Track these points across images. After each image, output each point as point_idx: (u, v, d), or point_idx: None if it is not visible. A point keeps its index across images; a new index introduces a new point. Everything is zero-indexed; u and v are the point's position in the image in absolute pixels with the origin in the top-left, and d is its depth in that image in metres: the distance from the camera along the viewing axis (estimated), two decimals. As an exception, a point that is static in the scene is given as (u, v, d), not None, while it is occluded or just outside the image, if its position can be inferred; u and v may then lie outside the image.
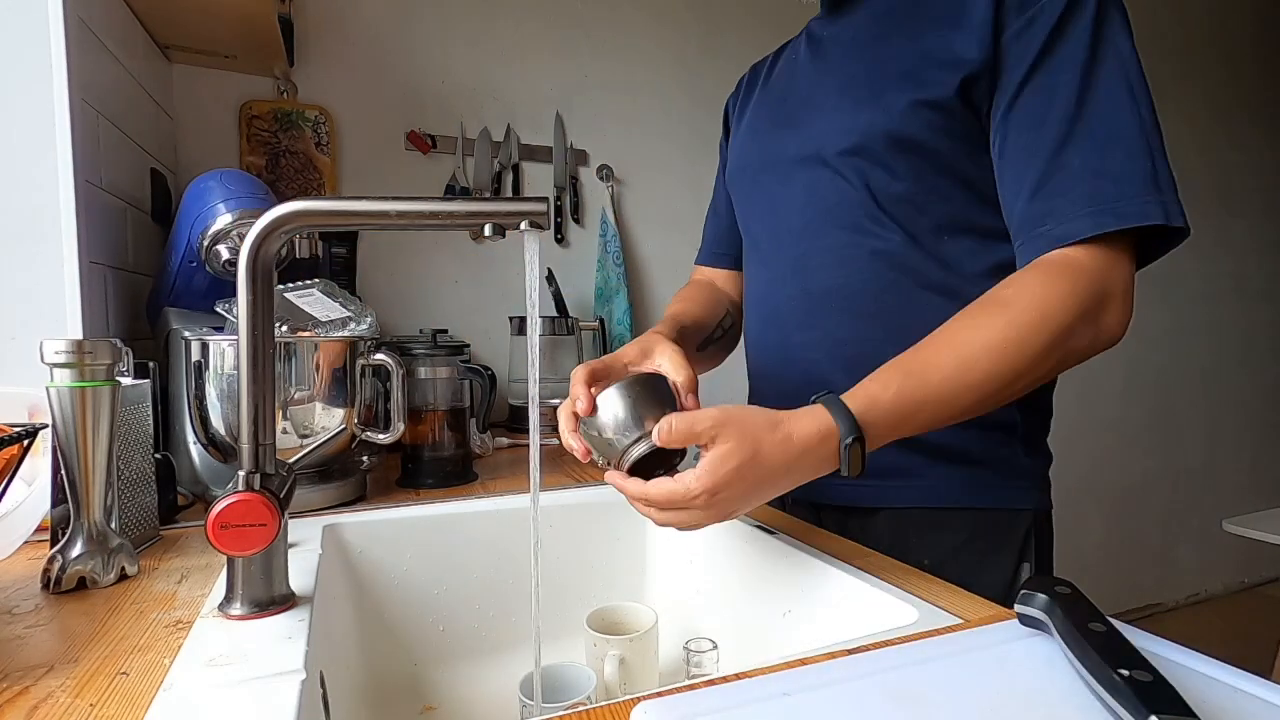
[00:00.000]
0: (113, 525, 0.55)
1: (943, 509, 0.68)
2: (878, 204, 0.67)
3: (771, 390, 0.81)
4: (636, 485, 0.50)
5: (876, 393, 0.52)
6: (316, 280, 0.87)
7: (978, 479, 0.67)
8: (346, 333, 0.80)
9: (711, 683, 0.37)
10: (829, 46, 0.74)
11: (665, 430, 0.49)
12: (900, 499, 0.69)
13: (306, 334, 0.77)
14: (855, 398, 0.51)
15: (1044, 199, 0.58)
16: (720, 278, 0.94)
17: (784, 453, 0.49)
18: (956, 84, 0.60)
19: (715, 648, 0.64)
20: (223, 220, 0.86)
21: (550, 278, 1.49)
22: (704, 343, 0.82)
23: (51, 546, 0.53)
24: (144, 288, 1.01)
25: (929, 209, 0.65)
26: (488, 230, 0.46)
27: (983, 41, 0.59)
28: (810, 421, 0.50)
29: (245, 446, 0.46)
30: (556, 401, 1.49)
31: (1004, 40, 0.59)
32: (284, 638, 0.43)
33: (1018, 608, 0.42)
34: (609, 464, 0.54)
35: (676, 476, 0.49)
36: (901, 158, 0.65)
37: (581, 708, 0.36)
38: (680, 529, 0.52)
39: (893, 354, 0.55)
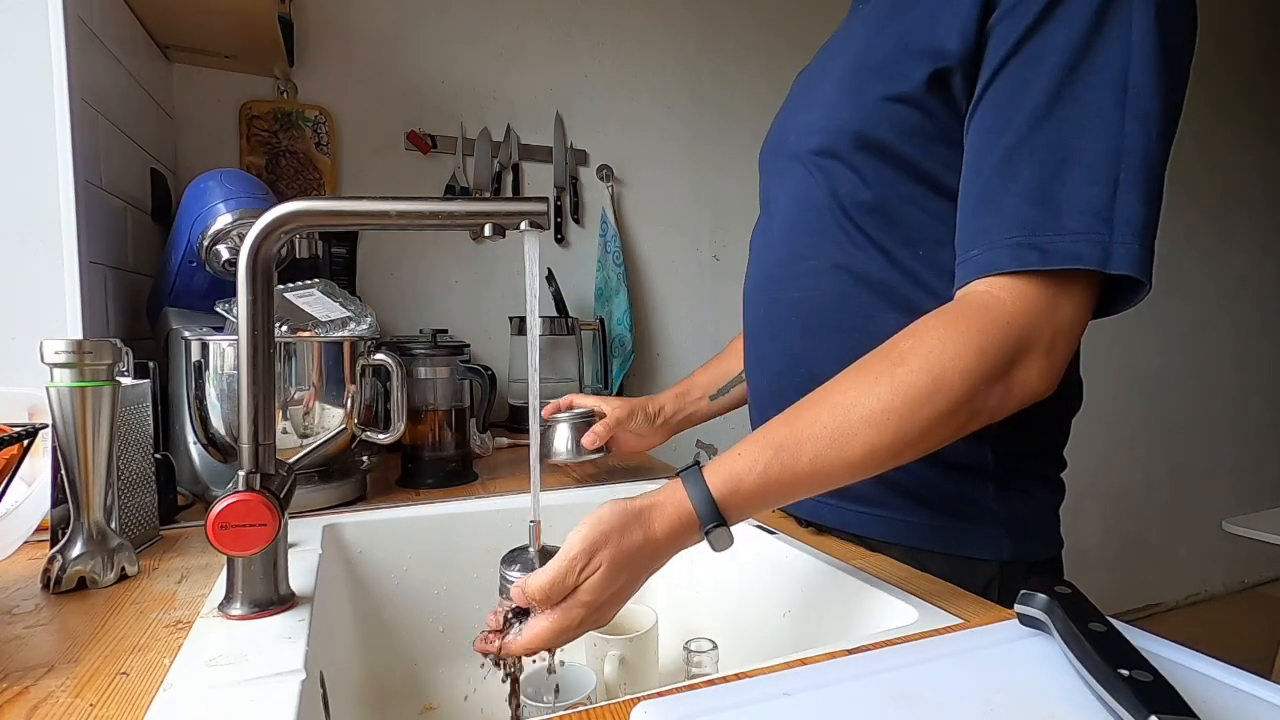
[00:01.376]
0: (113, 525, 0.55)
1: (904, 546, 0.63)
2: (845, 213, 0.61)
3: (753, 398, 0.79)
4: (518, 643, 0.46)
5: (742, 475, 0.48)
6: (316, 280, 0.87)
7: (937, 520, 0.62)
8: (346, 333, 0.80)
9: (711, 683, 0.37)
10: (854, 21, 0.68)
11: (541, 600, 0.45)
12: (861, 526, 0.65)
13: (306, 334, 0.77)
14: (719, 476, 0.48)
15: (982, 215, 0.51)
16: None
17: (653, 546, 0.47)
18: (924, 77, 0.53)
19: (715, 648, 0.64)
20: (223, 220, 0.86)
21: (550, 278, 1.49)
22: (718, 393, 0.87)
23: (51, 546, 0.54)
24: (144, 288, 1.01)
25: (902, 221, 0.59)
26: (488, 230, 0.46)
27: (966, 26, 0.51)
28: (672, 510, 0.47)
29: (245, 446, 0.46)
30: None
31: (991, 21, 0.50)
32: (284, 638, 0.43)
33: (1018, 608, 0.42)
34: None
35: (550, 614, 0.45)
36: (870, 162, 0.59)
37: (581, 708, 0.36)
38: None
39: None
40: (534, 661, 0.52)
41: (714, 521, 0.47)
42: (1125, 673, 0.32)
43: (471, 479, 0.92)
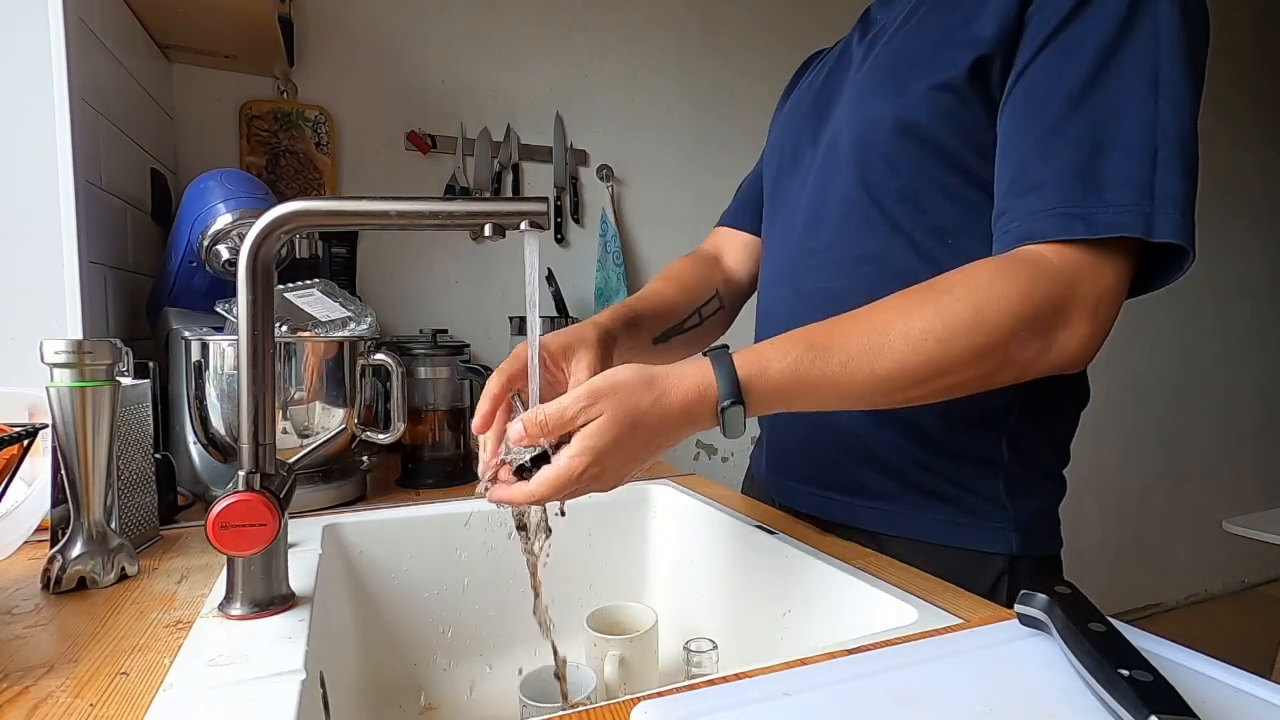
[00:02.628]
0: (113, 525, 0.55)
1: (914, 540, 0.63)
2: (875, 202, 0.62)
3: None
4: (520, 489, 0.46)
5: (770, 360, 0.47)
6: (316, 280, 0.87)
7: (947, 514, 0.63)
8: (346, 333, 0.80)
9: (711, 683, 0.37)
10: (877, 31, 0.69)
11: (535, 425, 0.45)
12: (870, 521, 0.66)
13: (306, 334, 0.77)
14: (747, 359, 0.47)
15: (1020, 191, 0.52)
16: (735, 244, 0.86)
17: (662, 413, 0.45)
18: (968, 64, 0.55)
19: (715, 648, 0.64)
20: (223, 220, 0.86)
21: (550, 278, 1.49)
22: (667, 333, 0.74)
23: (51, 546, 0.53)
24: (144, 288, 1.01)
25: (931, 209, 0.60)
26: (488, 230, 0.46)
27: (1004, 14, 0.54)
28: (692, 380, 0.46)
29: (245, 446, 0.46)
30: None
31: (1028, 13, 0.53)
32: (284, 638, 0.43)
33: (1018, 608, 0.42)
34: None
35: (555, 462, 0.45)
36: (905, 150, 0.60)
37: (581, 708, 0.36)
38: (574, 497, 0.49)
39: None
40: (543, 516, 0.51)
41: (733, 398, 0.46)
42: (1125, 673, 0.32)
43: (472, 479, 0.92)
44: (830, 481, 0.69)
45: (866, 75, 0.66)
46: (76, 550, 0.52)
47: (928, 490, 0.63)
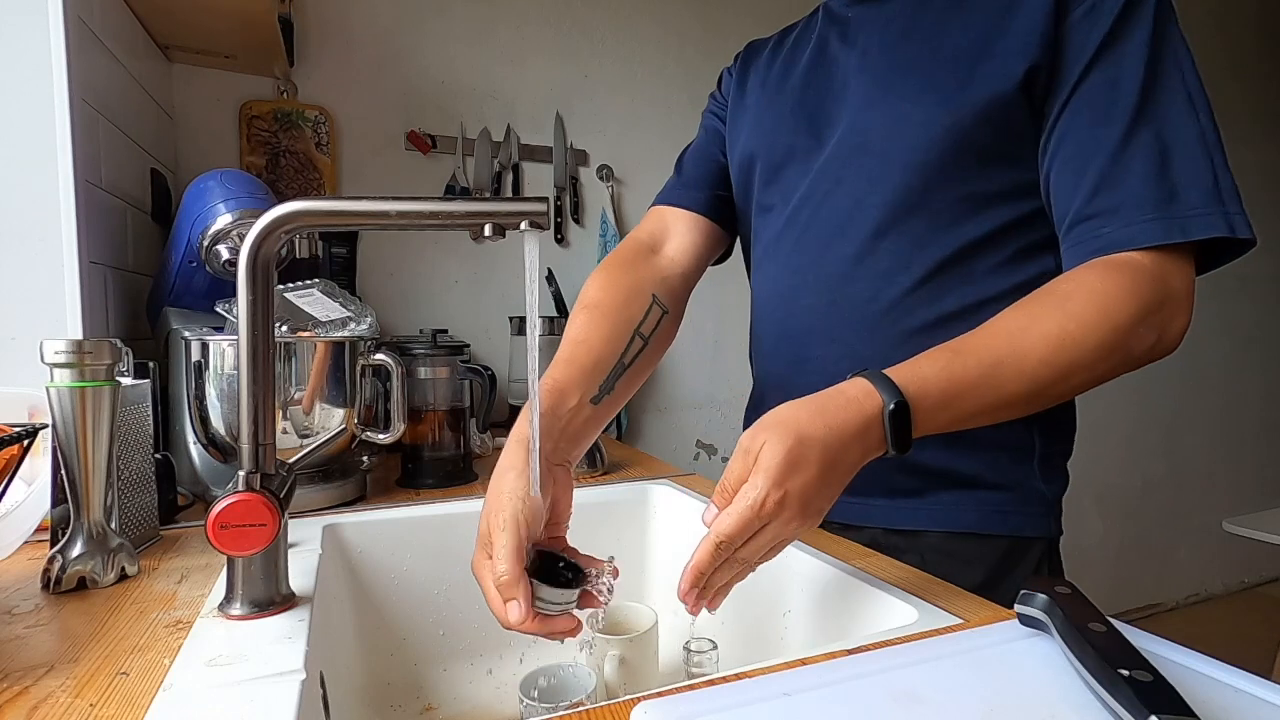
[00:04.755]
0: (113, 525, 0.55)
1: (956, 534, 0.65)
2: (929, 208, 0.62)
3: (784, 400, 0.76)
4: (707, 539, 0.45)
5: (923, 367, 0.49)
6: (316, 280, 0.87)
7: (989, 504, 0.64)
8: (346, 333, 0.80)
9: (711, 683, 0.37)
10: (858, 30, 0.68)
11: (719, 495, 0.46)
12: (909, 521, 0.66)
13: (306, 334, 0.77)
14: (899, 371, 0.49)
15: (1104, 199, 0.55)
16: (681, 226, 0.80)
17: (827, 424, 0.45)
18: (1021, 74, 0.57)
19: (715, 648, 0.64)
20: (223, 220, 0.86)
21: (550, 278, 1.49)
22: (610, 377, 0.62)
23: (51, 546, 0.53)
24: (144, 288, 1.01)
25: (985, 215, 0.62)
26: (488, 230, 0.46)
27: (1044, 28, 0.56)
28: (852, 392, 0.47)
29: (245, 446, 0.46)
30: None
31: (1065, 26, 0.56)
32: (284, 638, 0.43)
33: (1018, 608, 0.42)
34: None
35: (737, 496, 0.44)
36: (961, 157, 0.61)
37: (581, 708, 0.36)
38: (778, 552, 0.48)
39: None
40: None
41: (896, 399, 0.47)
42: (1125, 673, 0.32)
43: (471, 479, 0.92)
44: (866, 488, 0.64)
45: (893, 77, 0.64)
46: (76, 550, 0.52)
47: (964, 483, 0.65)
